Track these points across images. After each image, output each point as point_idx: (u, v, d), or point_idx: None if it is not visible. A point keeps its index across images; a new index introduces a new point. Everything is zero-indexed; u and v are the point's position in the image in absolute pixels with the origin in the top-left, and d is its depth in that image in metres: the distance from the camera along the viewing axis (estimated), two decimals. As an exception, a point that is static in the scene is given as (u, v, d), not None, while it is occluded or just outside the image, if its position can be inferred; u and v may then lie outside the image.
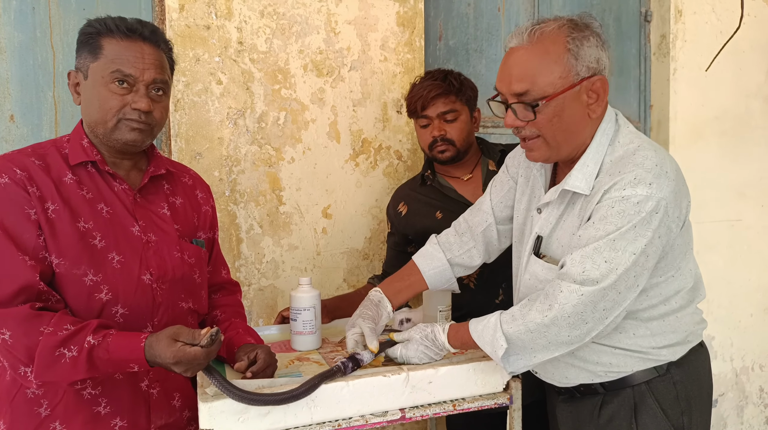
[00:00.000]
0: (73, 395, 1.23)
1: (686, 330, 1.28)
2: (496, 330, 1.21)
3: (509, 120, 1.23)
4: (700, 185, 2.66)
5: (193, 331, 1.13)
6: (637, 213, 1.13)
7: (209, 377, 1.13)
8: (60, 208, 1.22)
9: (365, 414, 1.23)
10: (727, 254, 2.79)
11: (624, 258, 1.13)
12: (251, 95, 1.97)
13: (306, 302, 1.49)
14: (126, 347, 1.13)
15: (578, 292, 1.15)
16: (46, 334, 1.11)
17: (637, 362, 1.27)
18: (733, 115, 2.75)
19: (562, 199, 1.28)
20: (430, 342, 1.30)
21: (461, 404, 1.29)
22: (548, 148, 1.24)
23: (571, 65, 1.18)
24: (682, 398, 1.27)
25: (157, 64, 1.29)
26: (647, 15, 2.68)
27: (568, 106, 1.20)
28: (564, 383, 1.35)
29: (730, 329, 2.84)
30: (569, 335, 1.17)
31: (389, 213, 1.98)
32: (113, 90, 1.24)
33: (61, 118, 1.84)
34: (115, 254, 1.26)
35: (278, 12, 1.99)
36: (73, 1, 1.83)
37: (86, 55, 1.27)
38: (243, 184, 1.98)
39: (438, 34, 2.33)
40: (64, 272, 1.21)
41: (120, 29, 1.25)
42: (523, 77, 1.19)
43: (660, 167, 1.16)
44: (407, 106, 1.87)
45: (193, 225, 1.44)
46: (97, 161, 1.29)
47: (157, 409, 1.32)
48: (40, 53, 1.81)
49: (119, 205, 1.30)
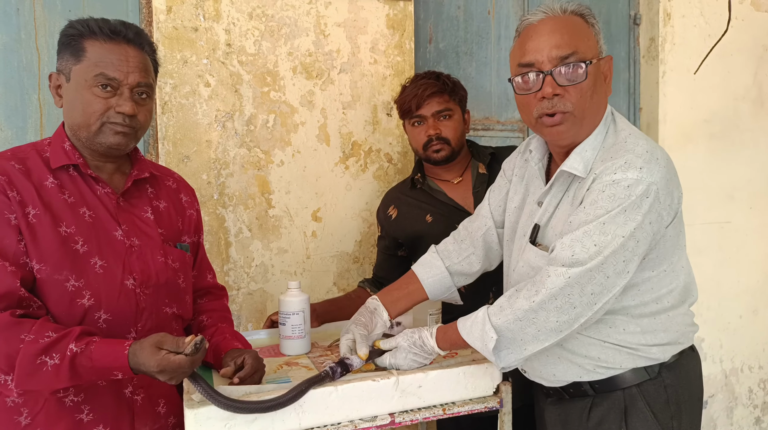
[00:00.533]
0: (54, 402, 1.21)
1: (677, 331, 1.28)
2: (485, 323, 1.20)
3: (550, 87, 1.20)
4: (690, 188, 2.66)
5: (177, 339, 1.11)
6: (627, 197, 1.14)
7: (194, 385, 1.12)
8: (41, 212, 1.20)
9: (354, 419, 1.23)
10: (717, 256, 2.80)
11: (612, 241, 1.14)
12: (240, 98, 1.97)
13: (295, 306, 1.48)
14: (109, 355, 1.11)
15: (565, 274, 1.15)
16: (27, 341, 1.10)
17: (627, 359, 1.26)
18: (722, 117, 2.77)
19: (560, 187, 1.29)
20: (419, 348, 1.29)
21: (451, 408, 1.29)
22: (576, 124, 1.23)
23: (597, 39, 1.24)
24: (672, 401, 1.27)
25: (141, 67, 1.27)
26: (636, 18, 2.70)
27: (599, 78, 1.23)
28: (552, 381, 1.34)
29: (720, 331, 2.86)
30: (557, 320, 1.16)
31: (379, 216, 1.98)
32: (97, 93, 1.23)
33: (46, 121, 1.83)
34: (97, 258, 1.25)
35: (267, 14, 1.98)
36: (59, 3, 1.82)
37: (68, 58, 1.25)
38: (232, 188, 1.98)
39: (428, 36, 2.34)
40: (45, 278, 1.19)
41: (103, 31, 1.24)
42: (568, 41, 1.20)
43: (651, 154, 1.17)
44: (400, 107, 1.87)
45: (177, 229, 1.43)
46: (79, 165, 1.27)
47: (142, 416, 1.31)
48: (24, 55, 1.80)
49: (102, 209, 1.28)
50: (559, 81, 1.20)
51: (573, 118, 1.23)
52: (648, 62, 2.71)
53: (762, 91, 2.82)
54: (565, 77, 1.20)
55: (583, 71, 1.20)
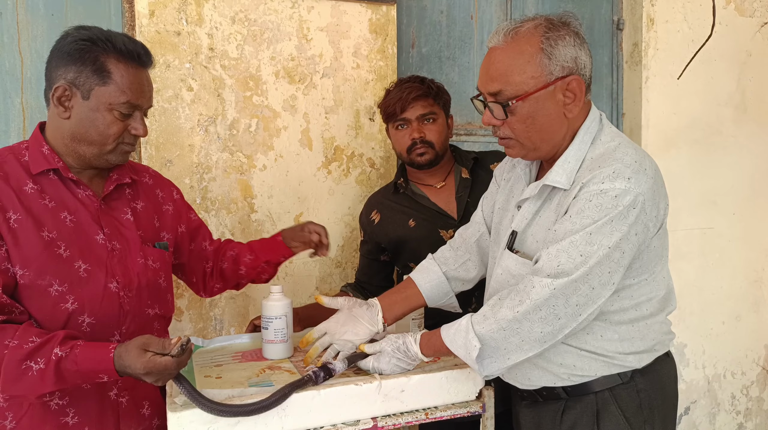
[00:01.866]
0: (39, 406, 1.24)
1: (654, 338, 1.30)
2: (468, 332, 1.22)
3: (486, 118, 1.29)
4: (672, 193, 2.64)
5: (162, 341, 1.15)
6: (614, 207, 1.15)
7: (179, 387, 1.16)
8: (23, 217, 1.23)
9: (337, 423, 1.26)
10: (699, 262, 2.85)
11: (598, 251, 1.15)
12: (222, 102, 2.01)
13: (277, 311, 1.52)
14: (94, 358, 1.14)
15: (550, 286, 1.16)
16: (11, 347, 1.12)
17: (602, 367, 1.27)
18: (705, 123, 2.82)
19: (541, 194, 1.31)
20: (402, 354, 1.32)
21: (434, 412, 1.32)
22: (523, 148, 1.29)
23: (544, 65, 1.21)
24: (645, 406, 1.28)
25: (152, 90, 1.35)
26: (619, 23, 2.75)
27: (542, 106, 1.23)
28: (527, 385, 1.35)
29: (702, 337, 2.91)
30: (542, 331, 1.18)
31: (362, 221, 2.02)
32: (117, 116, 1.28)
33: (29, 124, 1.86)
34: (81, 262, 1.28)
35: (249, 18, 2.03)
36: (42, 7, 1.86)
37: (89, 75, 1.26)
38: (214, 192, 2.01)
39: (411, 41, 2.39)
40: (28, 283, 1.22)
41: (130, 55, 1.28)
42: (497, 77, 1.24)
43: (639, 164, 1.18)
44: (384, 110, 1.91)
45: (154, 228, 1.46)
46: (59, 169, 1.29)
47: (126, 418, 1.34)
48: (7, 59, 1.83)
49: (84, 212, 1.31)
50: (493, 114, 1.27)
51: (518, 143, 1.29)
52: (631, 68, 2.77)
53: (745, 96, 2.89)
54: (495, 113, 1.27)
55: (501, 111, 1.25)
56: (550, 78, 1.22)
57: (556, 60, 1.22)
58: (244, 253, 1.65)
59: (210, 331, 2.03)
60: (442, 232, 1.86)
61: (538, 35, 1.22)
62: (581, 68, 1.25)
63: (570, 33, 1.23)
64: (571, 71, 1.23)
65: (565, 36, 1.23)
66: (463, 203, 1.88)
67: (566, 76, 1.23)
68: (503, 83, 1.23)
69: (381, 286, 2.02)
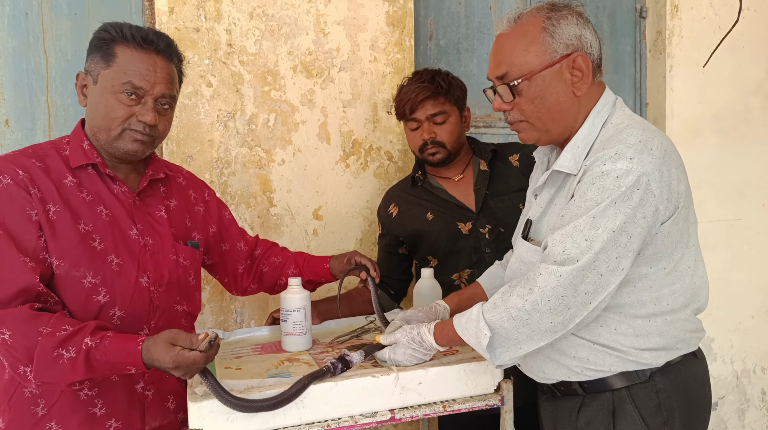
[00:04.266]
0: (69, 395, 1.29)
1: (675, 336, 1.26)
2: (479, 320, 1.22)
3: (496, 104, 1.32)
4: (698, 184, 2.67)
5: (190, 335, 1.17)
6: (616, 188, 1.14)
7: (203, 380, 1.19)
8: (61, 209, 1.28)
9: (354, 415, 1.27)
10: (726, 255, 2.81)
11: (602, 234, 1.14)
12: (241, 97, 2.04)
13: (296, 303, 1.54)
14: (122, 350, 1.18)
15: (557, 273, 1.15)
16: (44, 334, 1.17)
17: (616, 362, 1.26)
18: (732, 112, 2.77)
19: (554, 182, 1.32)
20: (418, 344, 1.32)
21: (452, 405, 1.33)
22: (535, 130, 1.31)
23: (548, 44, 1.25)
24: (665, 407, 1.25)
25: (168, 78, 1.35)
26: (642, 11, 2.72)
27: (550, 84, 1.26)
28: (542, 378, 1.36)
29: (730, 331, 2.87)
30: (552, 321, 1.17)
31: (380, 215, 2.04)
32: (121, 100, 1.30)
33: (54, 122, 1.92)
34: (114, 256, 1.32)
35: (267, 13, 2.05)
36: (65, 6, 1.92)
37: (98, 60, 1.31)
38: (234, 187, 2.05)
39: (428, 33, 2.40)
40: (63, 274, 1.26)
41: (135, 39, 1.30)
42: (503, 60, 1.28)
43: (644, 144, 1.17)
44: (396, 109, 1.93)
45: (186, 227, 1.51)
46: (97, 164, 1.34)
47: (152, 411, 1.39)
48: (33, 58, 1.89)
49: (118, 207, 1.36)
50: (503, 98, 1.31)
51: (528, 125, 1.31)
52: (654, 56, 2.73)
53: (775, 84, 2.83)
54: (504, 97, 1.30)
55: (509, 93, 1.28)
56: (555, 56, 1.25)
57: (559, 38, 1.25)
58: (289, 265, 1.69)
59: (230, 324, 2.08)
60: (461, 224, 1.87)
61: (541, 16, 1.26)
62: (586, 46, 1.27)
63: (572, 13, 1.27)
64: (576, 49, 1.26)
65: (567, 15, 1.26)
66: (481, 196, 1.88)
67: (571, 54, 1.25)
68: (509, 65, 1.27)
69: (400, 279, 2.05)
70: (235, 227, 1.69)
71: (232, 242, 1.66)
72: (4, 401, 1.29)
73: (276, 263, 1.68)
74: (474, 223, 1.86)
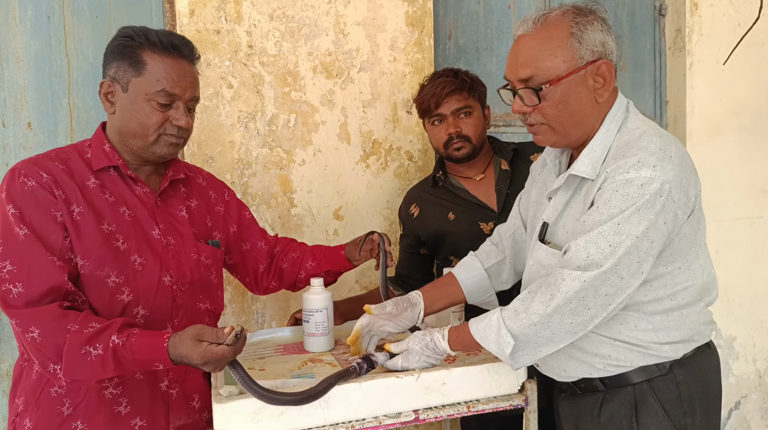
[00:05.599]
0: (94, 394, 1.29)
1: (691, 328, 1.27)
2: (500, 328, 1.21)
3: (516, 106, 1.29)
4: (720, 182, 2.66)
5: (215, 330, 1.16)
6: (641, 195, 1.15)
7: (233, 372, 1.17)
8: (85, 210, 1.28)
9: (378, 415, 1.25)
10: (748, 253, 2.78)
11: (626, 240, 1.15)
12: (261, 98, 2.02)
13: (318, 304, 1.53)
14: (149, 348, 1.17)
15: (580, 278, 1.16)
16: (72, 331, 1.16)
17: (638, 357, 1.26)
18: (753, 109, 2.74)
19: (570, 185, 1.31)
20: (431, 351, 1.30)
21: (476, 405, 1.31)
22: (554, 134, 1.29)
23: (575, 49, 1.23)
24: (685, 398, 1.26)
25: (195, 82, 1.38)
26: (662, 9, 2.68)
27: (574, 90, 1.24)
28: (563, 376, 1.35)
29: (753, 329, 2.83)
30: (572, 322, 1.18)
31: (401, 215, 2.01)
32: (156, 107, 1.31)
33: (76, 124, 1.91)
34: (137, 256, 1.32)
35: (287, 15, 2.03)
36: (87, 10, 1.91)
37: (127, 68, 1.31)
38: (254, 187, 2.03)
39: (448, 33, 2.37)
40: (88, 274, 1.27)
41: (164, 45, 1.31)
42: (528, 63, 1.25)
43: (664, 152, 1.18)
44: (419, 106, 1.90)
45: (207, 227, 1.51)
46: (119, 166, 1.35)
47: (176, 409, 1.38)
48: (55, 61, 1.89)
49: (141, 208, 1.36)
50: (524, 101, 1.27)
51: (549, 129, 1.28)
52: (674, 54, 2.69)
53: (796, 81, 2.78)
54: (525, 100, 1.27)
55: (535, 97, 1.25)
56: (581, 62, 1.24)
57: (586, 44, 1.23)
58: (307, 258, 1.67)
59: (252, 324, 2.06)
60: (482, 224, 1.84)
61: (568, 20, 1.24)
62: (609, 53, 1.26)
63: (597, 18, 1.26)
64: (600, 55, 1.25)
65: (593, 21, 1.25)
66: (503, 195, 1.85)
67: (596, 60, 1.24)
68: (534, 69, 1.24)
69: (421, 280, 2.01)
70: (256, 226, 1.68)
71: (253, 242, 1.65)
72: (32, 401, 1.29)
73: (294, 259, 1.67)
74: (496, 223, 1.83)
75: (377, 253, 1.61)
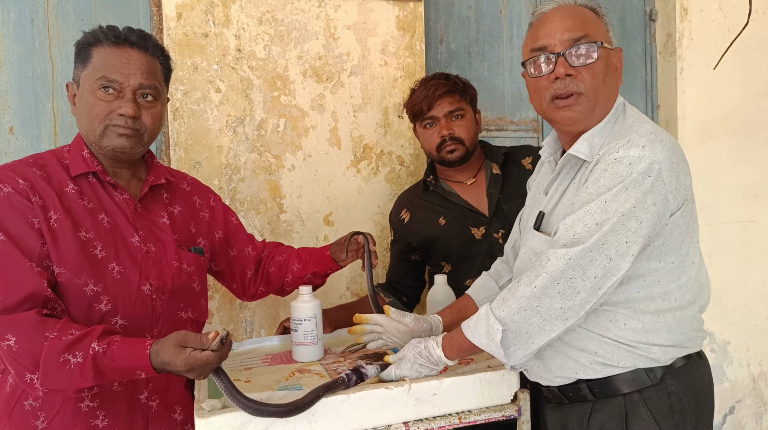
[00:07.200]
0: (70, 407, 1.23)
1: (682, 333, 1.24)
2: (489, 317, 1.18)
3: (561, 69, 1.23)
4: (712, 186, 2.63)
5: (199, 335, 1.11)
6: (628, 174, 1.13)
7: (216, 380, 1.12)
8: (62, 217, 1.23)
9: (368, 428, 1.21)
10: (741, 256, 2.75)
11: (612, 217, 1.13)
12: (250, 102, 1.96)
13: (307, 312, 1.48)
14: (130, 355, 1.11)
15: (566, 256, 1.13)
16: (50, 339, 1.11)
17: (625, 356, 1.22)
18: (743, 113, 2.72)
19: (567, 174, 1.29)
20: (425, 359, 1.26)
21: (467, 416, 1.27)
22: (586, 106, 1.24)
23: (608, 30, 1.28)
24: (676, 410, 1.23)
25: (144, 69, 1.29)
26: (652, 14, 2.67)
27: (610, 64, 1.26)
28: (549, 378, 1.30)
29: (746, 334, 2.80)
30: (562, 307, 1.14)
31: (392, 220, 1.97)
32: (99, 97, 1.26)
33: (60, 129, 1.86)
34: (115, 264, 1.27)
35: (276, 18, 1.98)
36: (72, 13, 1.85)
37: (78, 66, 1.29)
38: (243, 193, 1.97)
39: (439, 37, 2.32)
40: (65, 282, 1.21)
41: (108, 37, 1.28)
42: (580, 25, 1.24)
43: (654, 135, 1.17)
44: (410, 109, 1.86)
45: (191, 233, 1.45)
46: (98, 172, 1.30)
47: (156, 422, 1.32)
48: (39, 65, 1.83)
49: (120, 215, 1.31)
50: (571, 62, 1.23)
51: (586, 100, 1.24)
52: (665, 58, 2.67)
53: (785, 86, 2.77)
54: (577, 58, 1.23)
55: (595, 52, 1.23)
56: (611, 44, 1.27)
57: (609, 31, 1.29)
58: (293, 261, 1.62)
59: (240, 333, 1.99)
60: (473, 229, 1.79)
61: (596, 7, 1.29)
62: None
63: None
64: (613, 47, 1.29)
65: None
66: (494, 200, 1.81)
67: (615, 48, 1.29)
68: (587, 30, 1.24)
69: (412, 286, 1.98)
70: (243, 232, 1.62)
71: (240, 248, 1.59)
72: (5, 415, 1.23)
73: (280, 262, 1.62)
74: (487, 227, 1.79)
75: (362, 253, 1.57)
